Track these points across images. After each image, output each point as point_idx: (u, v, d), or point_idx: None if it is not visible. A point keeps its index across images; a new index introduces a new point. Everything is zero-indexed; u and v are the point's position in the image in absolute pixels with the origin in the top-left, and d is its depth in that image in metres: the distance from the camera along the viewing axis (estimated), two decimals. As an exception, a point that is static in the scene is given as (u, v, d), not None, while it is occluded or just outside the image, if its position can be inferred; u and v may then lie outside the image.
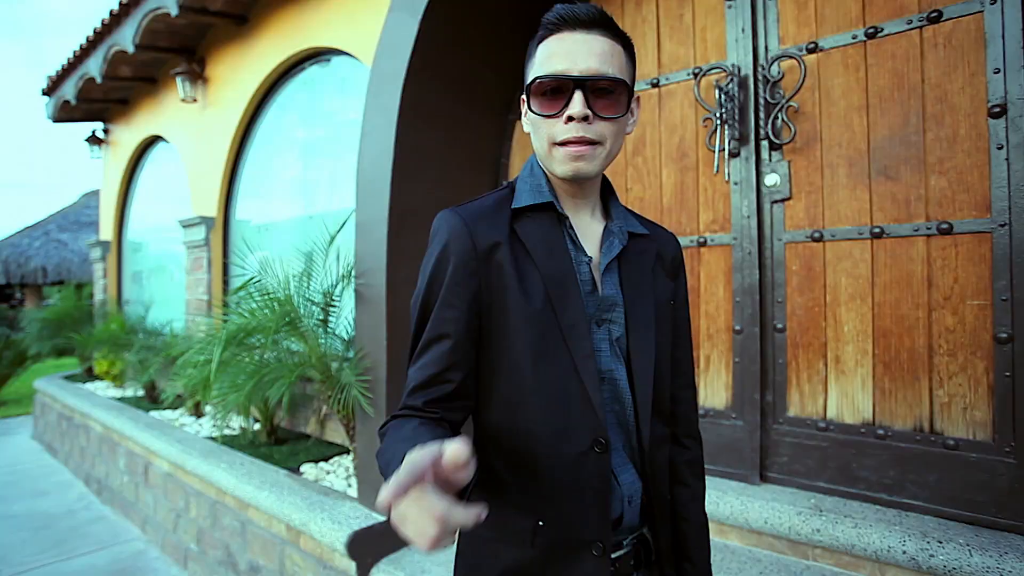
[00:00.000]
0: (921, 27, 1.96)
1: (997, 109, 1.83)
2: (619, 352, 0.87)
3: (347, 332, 2.91)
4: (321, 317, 2.81)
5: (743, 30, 2.26)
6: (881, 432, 2.03)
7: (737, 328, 2.31)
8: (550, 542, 0.81)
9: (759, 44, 2.25)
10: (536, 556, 0.81)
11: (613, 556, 0.85)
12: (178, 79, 4.77)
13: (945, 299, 1.94)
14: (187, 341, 3.88)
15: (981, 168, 1.86)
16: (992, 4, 1.83)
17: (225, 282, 4.69)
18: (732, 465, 2.29)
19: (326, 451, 3.44)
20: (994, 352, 1.84)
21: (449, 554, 2.42)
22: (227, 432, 3.88)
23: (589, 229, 0.91)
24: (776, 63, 2.18)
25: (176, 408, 4.64)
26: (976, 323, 1.88)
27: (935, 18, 1.93)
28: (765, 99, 2.20)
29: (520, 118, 1.23)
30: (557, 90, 0.80)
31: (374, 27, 2.91)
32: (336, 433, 3.56)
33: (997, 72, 1.83)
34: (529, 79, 0.84)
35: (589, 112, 0.78)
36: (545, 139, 0.83)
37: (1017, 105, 1.79)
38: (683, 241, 2.42)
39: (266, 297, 2.73)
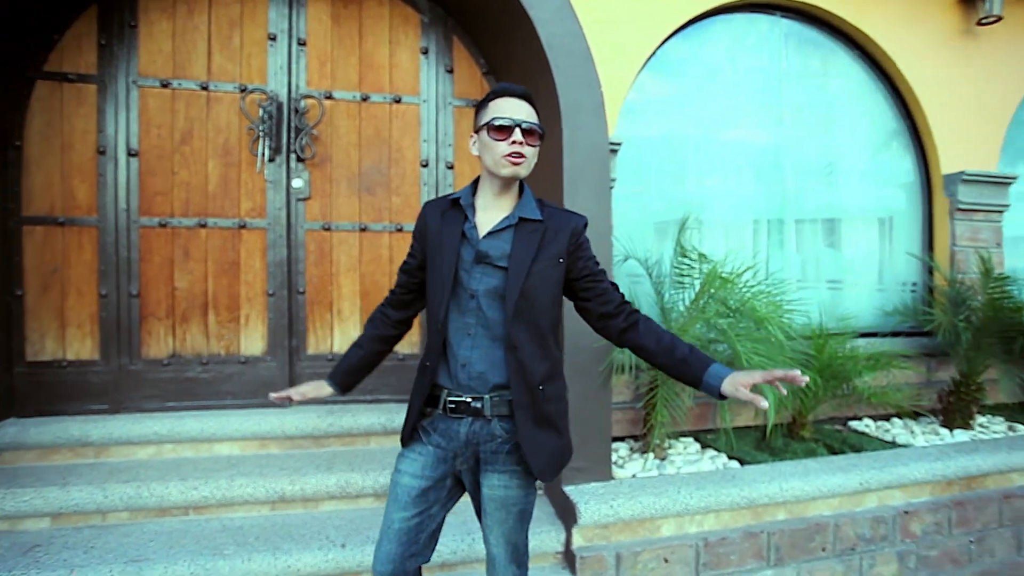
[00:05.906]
0: (390, 104, 3.18)
1: (424, 162, 3.21)
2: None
3: None
4: None
5: (281, 67, 2.99)
6: (365, 356, 3.15)
7: (271, 292, 3.03)
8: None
9: (292, 81, 3.02)
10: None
11: None
12: None
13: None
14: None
15: (418, 195, 3.22)
16: (424, 102, 3.20)
17: None
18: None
19: None
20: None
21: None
22: None
23: (496, 214, 1.50)
24: (304, 99, 3.01)
25: None
26: (414, 285, 3.23)
27: (398, 100, 3.18)
28: (296, 124, 2.99)
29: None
30: (505, 127, 1.42)
31: None
32: None
33: (426, 141, 3.21)
34: (486, 120, 1.45)
35: (523, 140, 1.43)
36: (497, 153, 1.43)
37: (433, 161, 3.22)
38: (226, 223, 2.96)
39: None
